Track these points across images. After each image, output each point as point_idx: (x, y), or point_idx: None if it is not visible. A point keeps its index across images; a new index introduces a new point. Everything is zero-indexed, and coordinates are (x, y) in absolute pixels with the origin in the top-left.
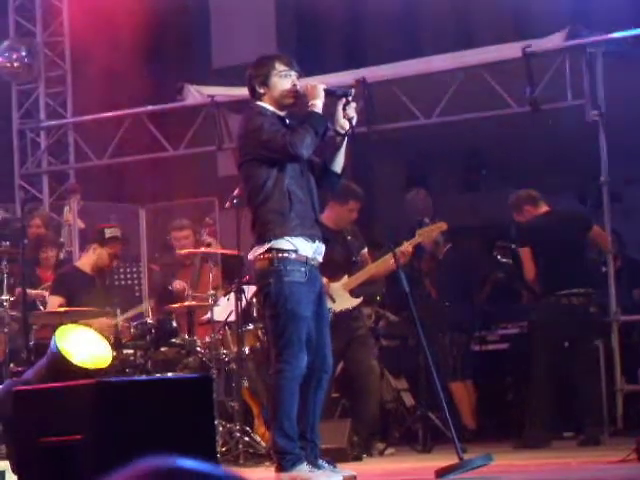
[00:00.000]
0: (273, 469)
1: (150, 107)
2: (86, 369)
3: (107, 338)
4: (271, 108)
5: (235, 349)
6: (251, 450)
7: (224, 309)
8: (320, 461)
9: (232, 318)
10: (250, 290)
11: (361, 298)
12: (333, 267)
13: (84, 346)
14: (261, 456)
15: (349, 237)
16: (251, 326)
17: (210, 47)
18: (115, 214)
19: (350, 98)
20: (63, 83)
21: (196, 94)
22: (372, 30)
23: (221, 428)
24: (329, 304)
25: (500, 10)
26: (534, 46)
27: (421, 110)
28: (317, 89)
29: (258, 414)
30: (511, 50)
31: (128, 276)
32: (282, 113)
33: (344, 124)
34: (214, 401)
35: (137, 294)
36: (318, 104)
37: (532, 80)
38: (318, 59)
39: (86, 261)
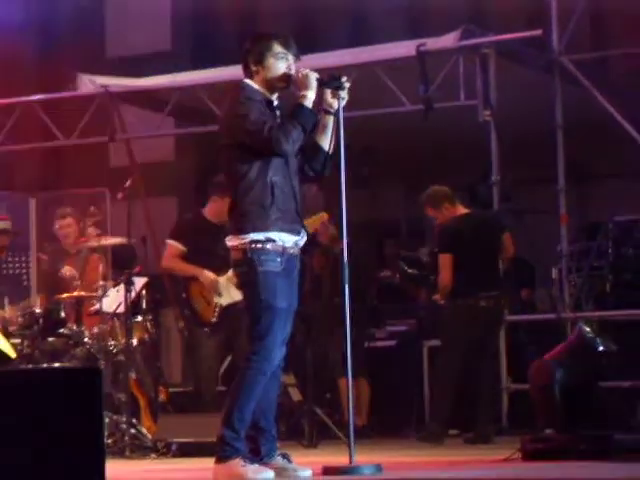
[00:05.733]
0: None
1: (42, 95)
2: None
3: None
4: (261, 90)
5: (123, 340)
6: (137, 442)
7: (113, 300)
8: (275, 454)
9: (121, 309)
10: (139, 282)
11: None
12: (217, 261)
13: None
14: (147, 448)
15: None
16: (140, 318)
17: (104, 36)
18: (5, 202)
19: (343, 90)
20: None
21: (89, 83)
22: (267, 23)
23: (108, 420)
24: (215, 298)
25: (395, 8)
26: (428, 45)
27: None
28: (309, 79)
29: (145, 406)
30: (405, 48)
31: (17, 265)
32: (272, 96)
33: (333, 103)
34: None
35: (25, 283)
36: (309, 96)
37: (426, 79)
38: (214, 49)
39: None
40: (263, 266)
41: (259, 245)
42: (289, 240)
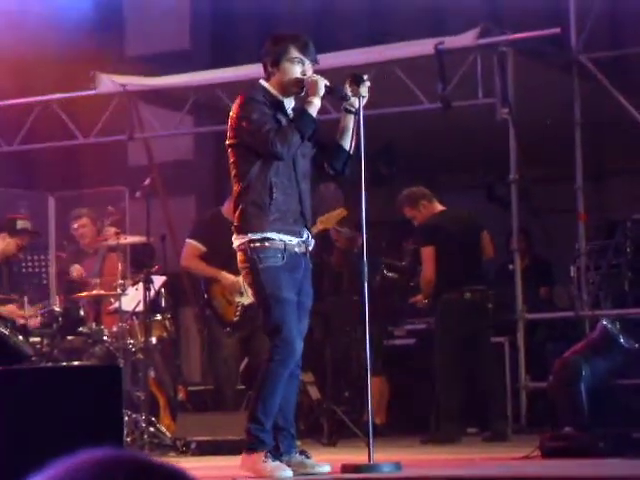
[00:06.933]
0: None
1: (61, 95)
2: (23, 350)
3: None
4: (274, 91)
5: (142, 339)
6: (156, 440)
7: (132, 299)
8: (294, 451)
9: (140, 308)
10: (158, 280)
11: None
12: (236, 259)
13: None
14: (166, 447)
15: None
16: (159, 316)
17: (123, 35)
18: (24, 201)
19: (354, 110)
20: None
21: (108, 82)
22: (286, 22)
23: (127, 418)
24: (237, 298)
25: (413, 6)
26: (446, 43)
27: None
28: (318, 85)
29: (164, 405)
30: (423, 47)
31: (36, 264)
32: (286, 99)
33: (354, 102)
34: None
35: (44, 282)
36: (316, 102)
37: (444, 77)
38: (232, 49)
39: None
40: (263, 263)
41: (258, 244)
42: (290, 240)
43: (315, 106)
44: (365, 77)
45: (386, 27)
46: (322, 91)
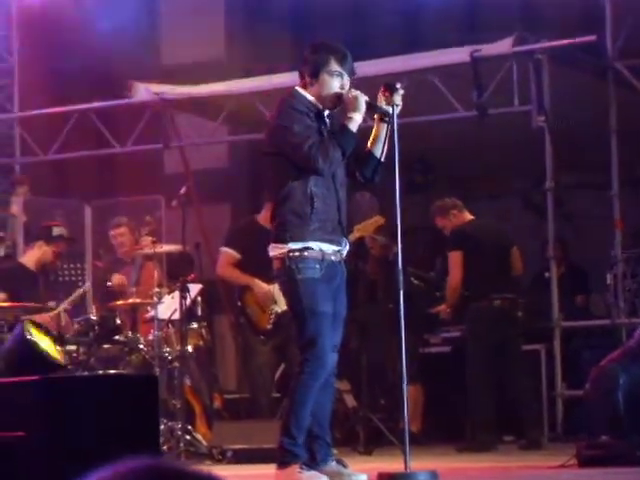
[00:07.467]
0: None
1: (97, 103)
2: (54, 359)
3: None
4: (312, 100)
5: (178, 347)
6: (192, 449)
7: (168, 307)
8: (330, 460)
9: (176, 316)
10: (194, 288)
11: None
12: (270, 268)
13: (45, 342)
14: (202, 455)
15: None
16: (195, 325)
17: (159, 44)
18: (60, 210)
19: (388, 119)
20: (10, 76)
21: (144, 91)
22: (321, 31)
23: (163, 426)
24: (271, 306)
25: (448, 13)
26: (482, 51)
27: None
28: (358, 101)
29: (200, 413)
30: (459, 54)
31: (72, 272)
32: (322, 106)
33: (387, 110)
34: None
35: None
36: (357, 118)
37: (479, 85)
38: (267, 58)
39: (30, 257)
40: (302, 274)
41: (297, 254)
42: (328, 249)
43: (356, 122)
44: (398, 86)
45: (421, 34)
46: (363, 107)
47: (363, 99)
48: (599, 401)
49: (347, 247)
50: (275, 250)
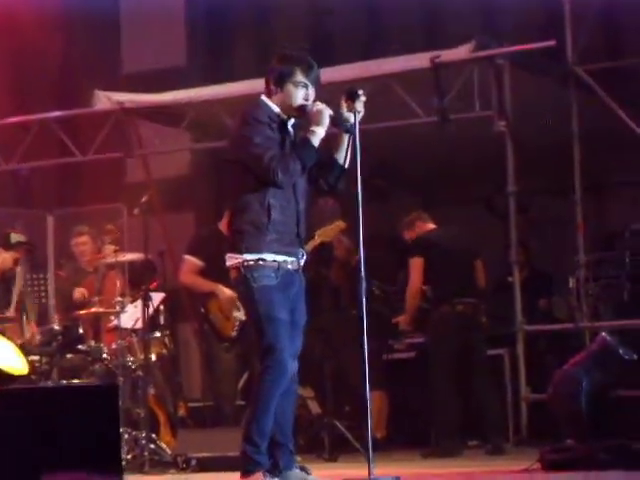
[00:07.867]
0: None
1: (59, 112)
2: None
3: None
4: (277, 110)
5: (142, 356)
6: (156, 457)
7: (131, 316)
8: (294, 467)
9: (139, 325)
10: (157, 297)
11: None
12: None
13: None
14: (166, 463)
15: None
16: (158, 333)
17: (120, 53)
18: (22, 220)
19: (350, 136)
20: None
21: (105, 100)
22: (281, 37)
23: (127, 435)
24: (234, 313)
25: (409, 20)
26: (443, 56)
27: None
28: (323, 115)
29: (164, 421)
30: (419, 60)
31: (35, 282)
32: (287, 116)
33: (349, 117)
34: (120, 409)
35: (43, 300)
36: (319, 132)
37: (440, 90)
38: (228, 66)
39: None
40: (257, 282)
41: (252, 263)
42: (284, 259)
43: (319, 136)
44: (360, 92)
45: (382, 40)
46: (327, 122)
47: (327, 113)
48: (562, 405)
49: (304, 258)
50: (231, 260)
